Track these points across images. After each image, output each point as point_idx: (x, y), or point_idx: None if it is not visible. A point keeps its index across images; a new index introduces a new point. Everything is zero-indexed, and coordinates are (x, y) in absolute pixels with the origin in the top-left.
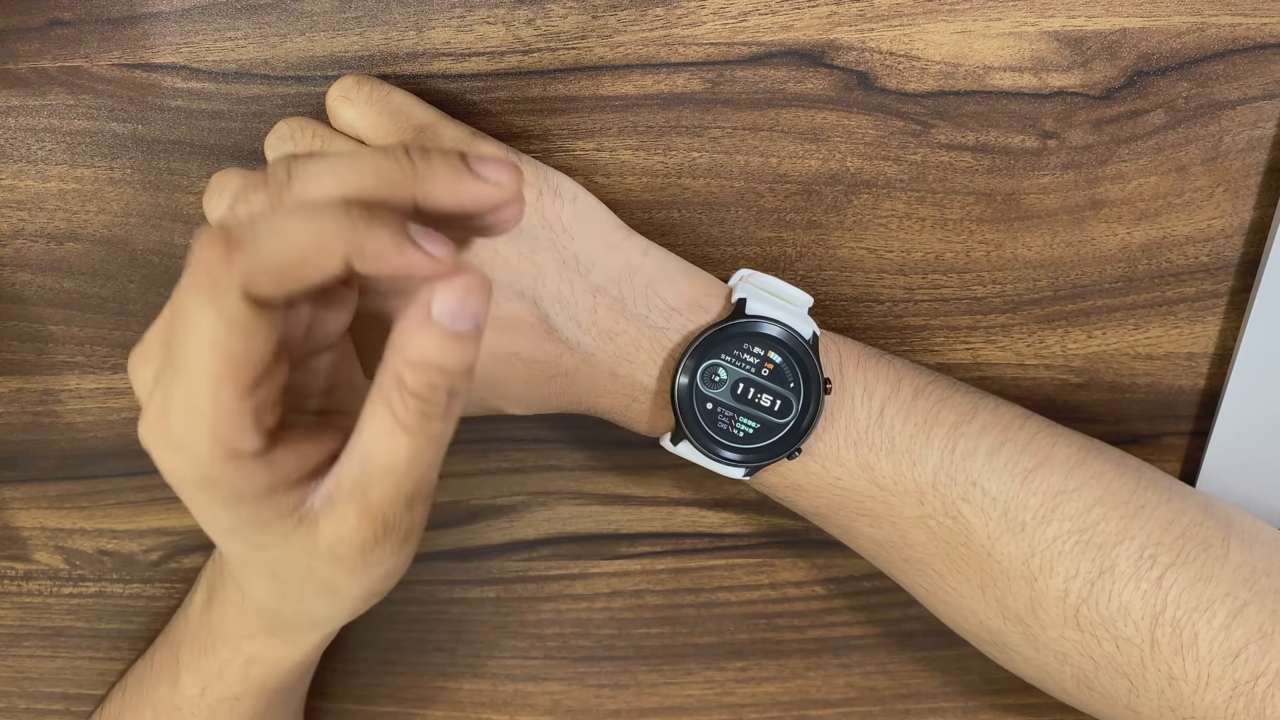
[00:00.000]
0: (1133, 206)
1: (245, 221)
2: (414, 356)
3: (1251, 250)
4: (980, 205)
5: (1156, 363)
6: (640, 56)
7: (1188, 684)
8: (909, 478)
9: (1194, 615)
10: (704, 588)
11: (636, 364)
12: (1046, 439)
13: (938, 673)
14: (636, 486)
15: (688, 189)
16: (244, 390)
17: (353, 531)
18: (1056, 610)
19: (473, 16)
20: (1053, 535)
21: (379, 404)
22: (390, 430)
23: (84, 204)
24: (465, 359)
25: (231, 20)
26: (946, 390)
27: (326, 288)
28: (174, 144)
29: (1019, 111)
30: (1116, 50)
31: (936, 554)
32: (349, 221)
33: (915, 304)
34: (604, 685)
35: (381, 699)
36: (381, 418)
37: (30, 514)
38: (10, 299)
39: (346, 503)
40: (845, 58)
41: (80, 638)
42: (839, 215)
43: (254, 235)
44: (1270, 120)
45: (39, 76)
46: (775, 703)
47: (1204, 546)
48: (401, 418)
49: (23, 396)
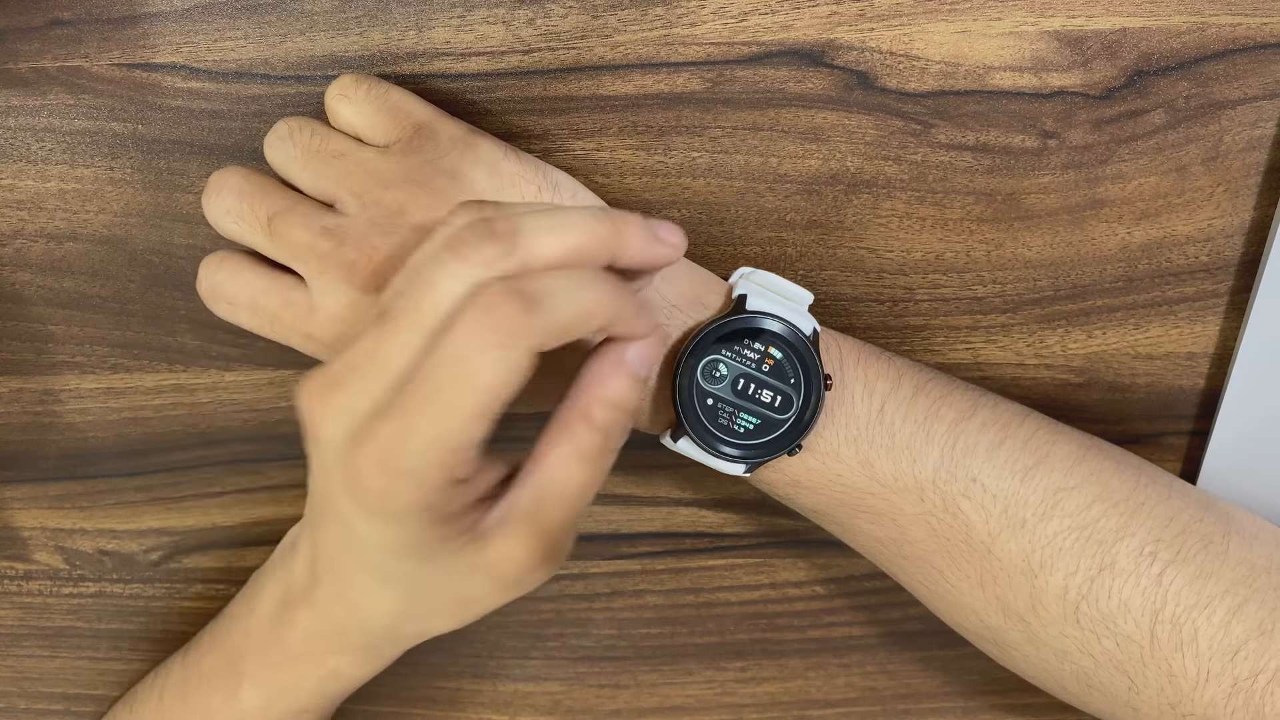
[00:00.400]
0: (1133, 206)
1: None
2: (605, 395)
3: (1252, 250)
4: (980, 205)
5: (1157, 363)
6: (640, 56)
7: (1187, 681)
8: (909, 474)
9: (1194, 612)
10: (704, 588)
11: None
12: (1046, 436)
13: (938, 673)
14: (636, 486)
15: (688, 189)
16: (490, 426)
17: (523, 553)
18: (1056, 607)
19: (473, 16)
20: (1053, 532)
21: (562, 436)
22: (572, 460)
23: (84, 204)
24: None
25: (231, 20)
26: (946, 387)
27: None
28: (174, 144)
29: (1019, 111)
30: (1117, 50)
31: (936, 551)
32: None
33: (915, 304)
34: (604, 685)
35: (381, 699)
36: (564, 448)
37: (30, 514)
38: (10, 299)
39: (521, 525)
40: (845, 57)
41: (80, 638)
42: (839, 215)
43: (546, 295)
44: (1270, 120)
45: (39, 76)
46: (775, 703)
47: (1204, 543)
48: (585, 450)
49: (23, 396)
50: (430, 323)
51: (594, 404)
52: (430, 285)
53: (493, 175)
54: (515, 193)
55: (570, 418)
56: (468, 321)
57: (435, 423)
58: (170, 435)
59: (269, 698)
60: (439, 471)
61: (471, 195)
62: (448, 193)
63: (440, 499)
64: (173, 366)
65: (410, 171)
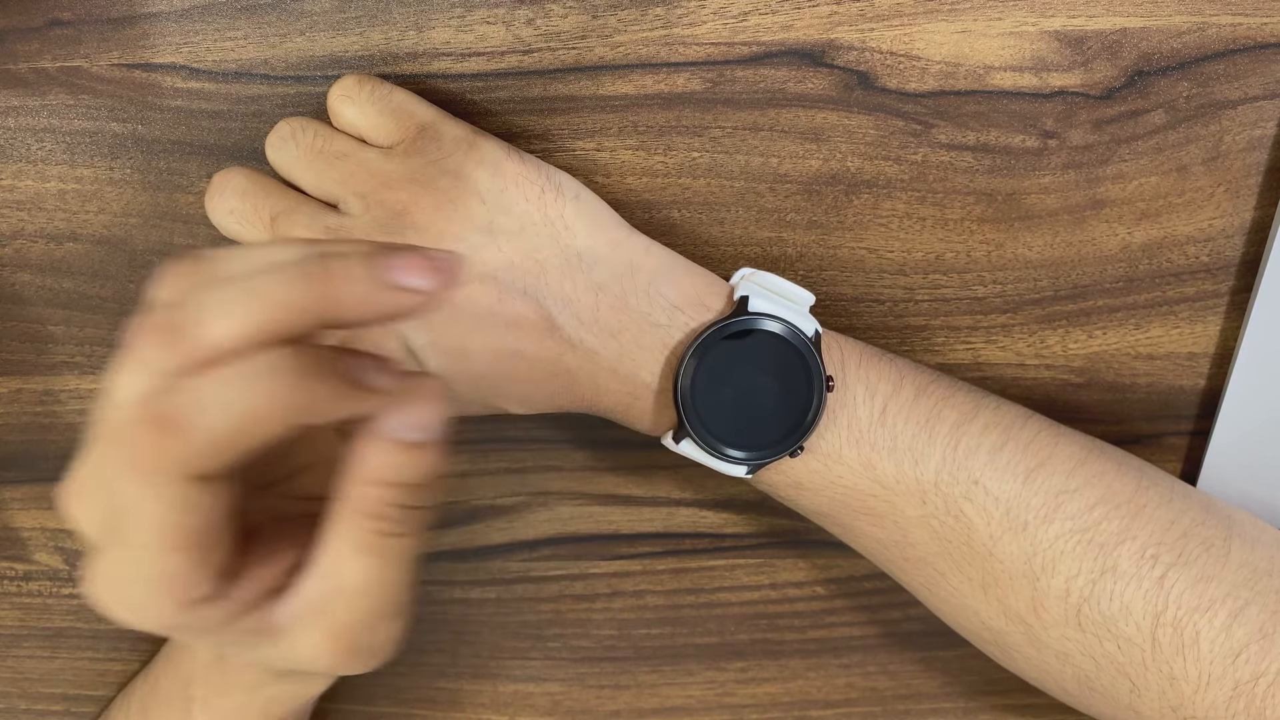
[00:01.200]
0: (1133, 206)
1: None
2: (366, 475)
3: (1252, 250)
4: (981, 205)
5: (1157, 363)
6: (640, 56)
7: (1189, 684)
8: (911, 476)
9: (1195, 615)
10: (704, 588)
11: (639, 362)
12: (1048, 438)
13: (938, 673)
14: (637, 487)
15: (688, 189)
16: (200, 555)
17: (323, 653)
18: (1058, 610)
19: (473, 16)
20: (1055, 535)
21: (338, 526)
22: (351, 553)
23: (84, 204)
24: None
25: (231, 20)
26: (949, 389)
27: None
28: (174, 144)
29: (1019, 111)
30: (1117, 50)
31: (938, 553)
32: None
33: (916, 304)
34: (604, 686)
35: (381, 699)
36: (341, 539)
37: (30, 514)
38: (10, 299)
39: (312, 626)
40: (845, 57)
41: (80, 638)
42: (839, 215)
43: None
44: (1271, 120)
45: (39, 76)
46: (776, 703)
47: (1206, 546)
48: (359, 541)
49: (23, 397)
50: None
51: (357, 488)
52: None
53: (495, 176)
54: (517, 193)
55: (341, 509)
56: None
57: (137, 564)
58: None
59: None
60: (166, 601)
61: (474, 195)
62: (451, 193)
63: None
64: None
65: (413, 172)
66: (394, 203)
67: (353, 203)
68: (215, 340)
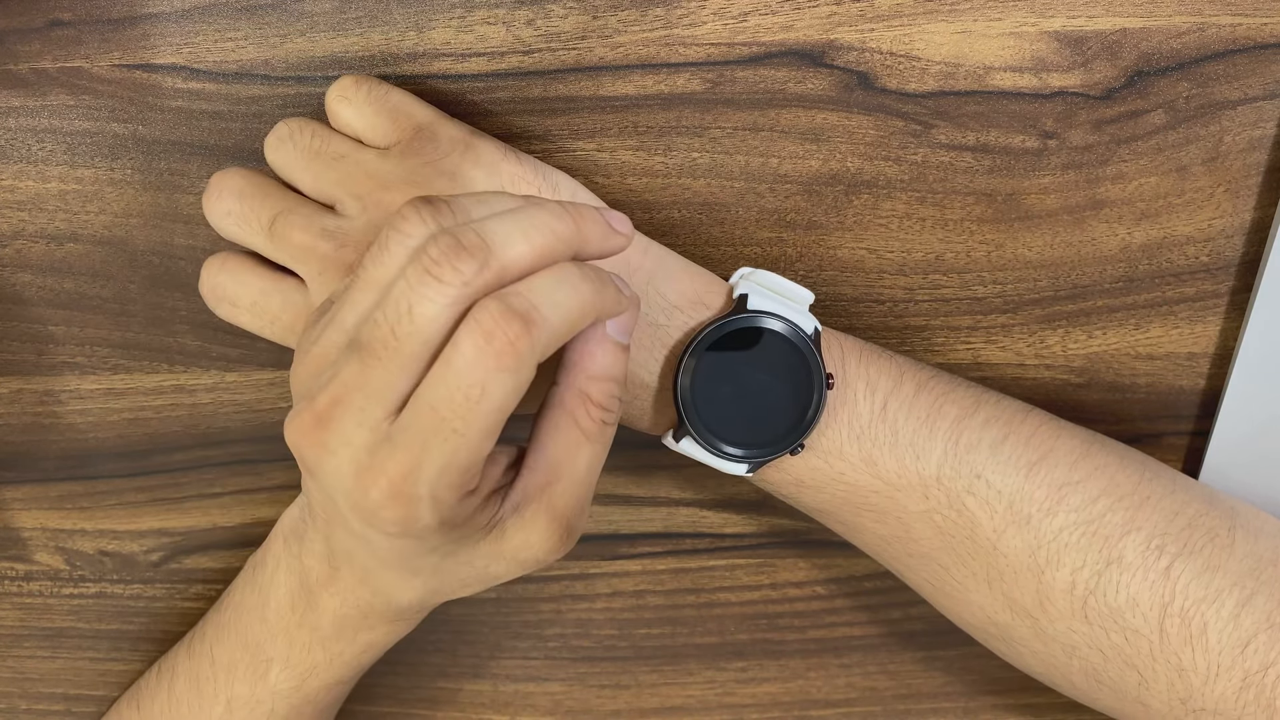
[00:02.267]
0: (1133, 206)
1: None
2: (596, 371)
3: (1252, 250)
4: (981, 205)
5: (1157, 363)
6: (640, 57)
7: (1197, 675)
8: (913, 471)
9: (1202, 605)
10: (704, 588)
11: (638, 361)
12: (1050, 432)
13: (939, 673)
14: (636, 486)
15: (688, 189)
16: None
17: (541, 538)
18: (1064, 602)
19: (473, 17)
20: (1059, 527)
21: (562, 419)
22: (576, 441)
23: (84, 204)
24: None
25: (231, 20)
26: (949, 385)
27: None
28: (174, 144)
29: (1019, 111)
30: (1117, 50)
31: (942, 548)
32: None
33: (916, 304)
34: (605, 686)
35: (382, 699)
36: (567, 430)
37: (30, 514)
38: (10, 299)
39: (536, 512)
40: (845, 58)
41: (81, 638)
42: (839, 215)
43: (542, 307)
44: (1271, 120)
45: (39, 77)
46: (776, 703)
47: (1210, 536)
48: (587, 428)
49: (23, 397)
50: (415, 351)
51: (588, 382)
52: (408, 312)
53: (492, 176)
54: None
55: (567, 399)
56: (470, 351)
57: (446, 450)
58: (171, 436)
59: (302, 678)
60: (453, 492)
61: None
62: (447, 194)
63: (456, 513)
64: (173, 367)
65: (410, 173)
66: (390, 204)
67: (349, 204)
68: (515, 261)
